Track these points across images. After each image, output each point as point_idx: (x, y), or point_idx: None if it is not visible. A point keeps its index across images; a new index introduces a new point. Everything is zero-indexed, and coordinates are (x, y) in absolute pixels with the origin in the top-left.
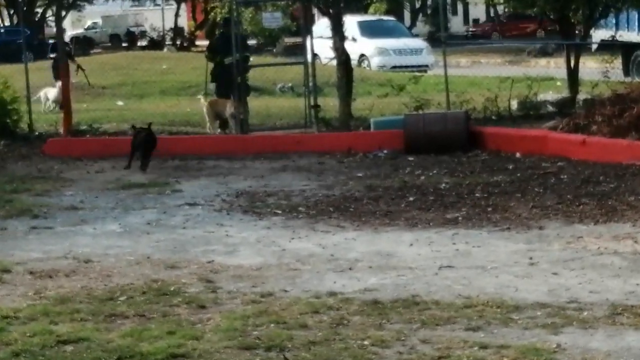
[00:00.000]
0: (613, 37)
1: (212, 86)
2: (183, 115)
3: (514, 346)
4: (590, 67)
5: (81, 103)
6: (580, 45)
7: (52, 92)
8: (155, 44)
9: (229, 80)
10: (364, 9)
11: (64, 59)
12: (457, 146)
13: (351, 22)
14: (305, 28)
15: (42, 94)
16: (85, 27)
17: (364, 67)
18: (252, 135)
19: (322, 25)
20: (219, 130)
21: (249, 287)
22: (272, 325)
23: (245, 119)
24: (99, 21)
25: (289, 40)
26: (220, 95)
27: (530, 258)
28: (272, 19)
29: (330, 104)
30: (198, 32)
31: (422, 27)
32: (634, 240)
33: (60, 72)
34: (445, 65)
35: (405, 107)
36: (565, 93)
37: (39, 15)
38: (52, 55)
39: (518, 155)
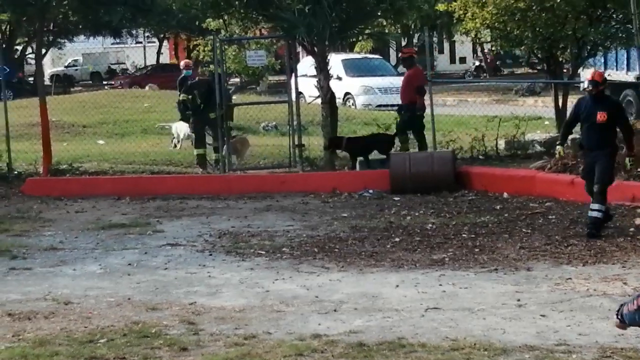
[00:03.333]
0: None
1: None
2: (165, 155)
3: None
4: None
5: (61, 142)
6: (568, 84)
7: (183, 128)
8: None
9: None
10: (349, 47)
11: (44, 97)
12: (443, 186)
13: (336, 61)
14: (289, 66)
15: (174, 128)
16: (66, 64)
17: (349, 106)
18: (235, 175)
19: (306, 64)
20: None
21: (232, 329)
22: None
23: (229, 158)
24: (80, 59)
25: (272, 78)
26: (195, 132)
27: (518, 300)
28: (256, 57)
29: (315, 143)
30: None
31: None
32: (623, 282)
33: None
34: (432, 104)
35: None
36: (553, 132)
37: (18, 52)
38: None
39: (505, 195)
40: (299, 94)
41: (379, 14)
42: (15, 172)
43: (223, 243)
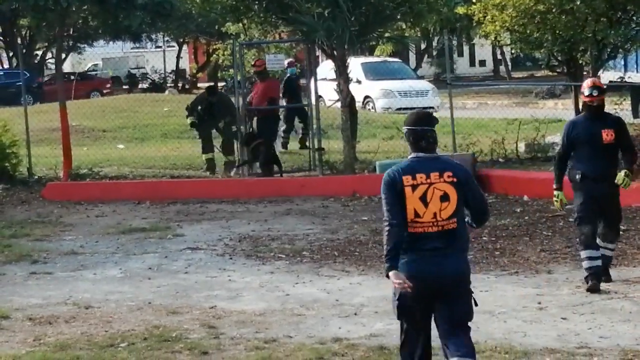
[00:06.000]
0: (622, 78)
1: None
2: (185, 159)
3: None
4: None
5: (81, 146)
6: None
7: None
8: (157, 87)
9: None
10: (369, 51)
11: (64, 101)
12: None
13: (356, 64)
14: (309, 70)
15: None
16: (86, 69)
17: (369, 109)
18: (255, 179)
19: (326, 67)
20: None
21: (252, 333)
22: None
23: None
24: (100, 63)
25: None
26: (203, 137)
27: (539, 303)
28: (275, 61)
29: (334, 146)
30: (200, 75)
31: (427, 68)
32: None
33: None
34: (451, 107)
35: None
36: None
37: (38, 57)
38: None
39: (526, 198)
40: (318, 97)
41: (399, 17)
42: (36, 177)
43: (243, 247)
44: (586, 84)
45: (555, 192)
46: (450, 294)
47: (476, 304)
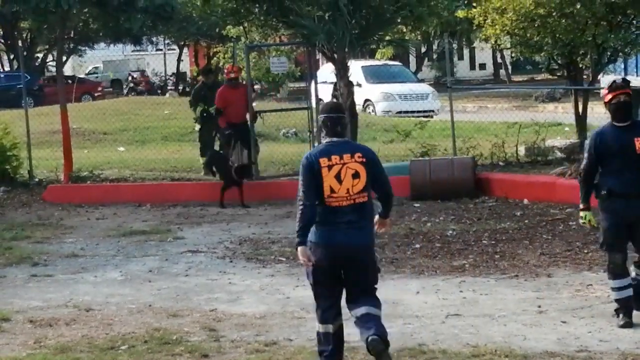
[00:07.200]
0: None
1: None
2: (185, 162)
3: None
4: (598, 112)
5: (82, 149)
6: (588, 90)
7: None
8: (154, 90)
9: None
10: (369, 54)
11: (65, 104)
12: (463, 193)
13: (356, 67)
14: (309, 73)
15: None
16: (87, 72)
17: (369, 113)
18: (255, 182)
19: (326, 70)
20: None
21: (253, 336)
22: None
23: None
24: (100, 66)
25: (292, 85)
26: (203, 139)
27: (539, 306)
28: (278, 63)
29: None
30: (200, 77)
31: (427, 71)
32: None
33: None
34: (451, 111)
35: (411, 153)
36: (573, 138)
37: (39, 60)
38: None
39: (526, 201)
40: (319, 100)
41: (399, 20)
42: (36, 180)
43: (244, 250)
44: (605, 85)
45: (582, 213)
46: (358, 262)
47: (379, 271)
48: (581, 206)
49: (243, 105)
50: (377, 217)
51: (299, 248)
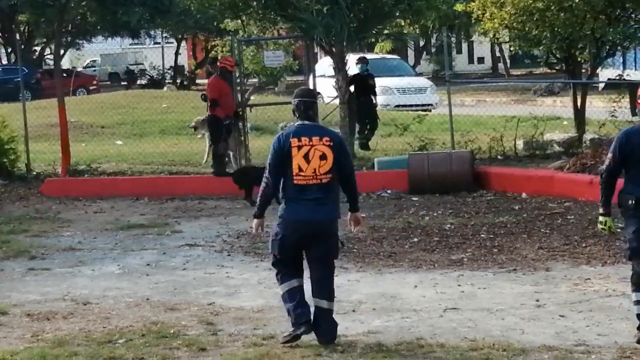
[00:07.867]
0: (620, 76)
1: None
2: (183, 155)
3: None
4: (597, 106)
5: (79, 142)
6: (587, 84)
7: None
8: (155, 83)
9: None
10: (367, 48)
11: (62, 98)
12: (462, 186)
13: (354, 61)
14: (307, 67)
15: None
16: (84, 65)
17: None
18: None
19: (324, 64)
20: None
21: (251, 330)
22: None
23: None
24: (98, 59)
25: (291, 79)
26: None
27: (537, 300)
28: (273, 57)
29: None
30: (198, 71)
31: (426, 65)
32: None
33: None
34: (450, 104)
35: (409, 146)
36: (572, 132)
37: (36, 53)
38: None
39: (524, 195)
40: (317, 94)
41: (397, 14)
42: (34, 173)
43: (241, 243)
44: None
45: (602, 219)
46: (321, 236)
47: (342, 245)
48: (601, 210)
49: (233, 98)
50: (348, 214)
51: (255, 220)
